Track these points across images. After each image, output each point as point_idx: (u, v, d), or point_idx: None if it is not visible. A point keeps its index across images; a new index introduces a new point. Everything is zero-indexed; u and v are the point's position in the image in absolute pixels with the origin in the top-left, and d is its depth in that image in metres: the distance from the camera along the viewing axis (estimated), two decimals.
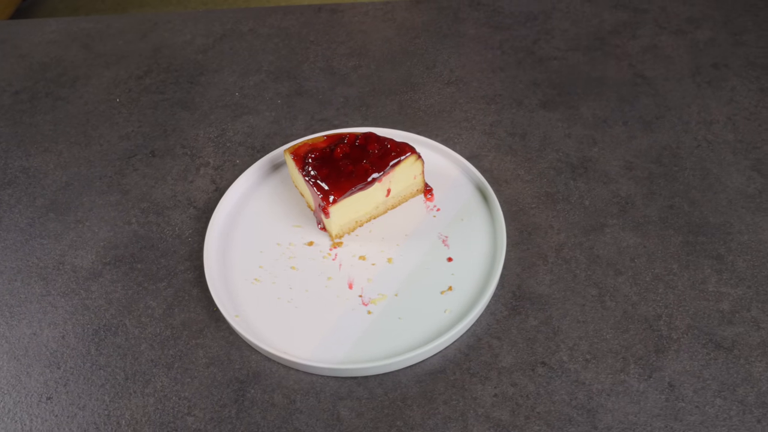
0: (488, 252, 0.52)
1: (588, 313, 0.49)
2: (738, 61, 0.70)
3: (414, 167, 0.54)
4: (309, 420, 0.45)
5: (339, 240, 0.54)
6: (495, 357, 0.47)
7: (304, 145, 0.55)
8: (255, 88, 0.70)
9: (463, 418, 0.44)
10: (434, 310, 0.49)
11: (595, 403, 0.45)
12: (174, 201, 0.60)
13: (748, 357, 0.47)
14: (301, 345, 0.48)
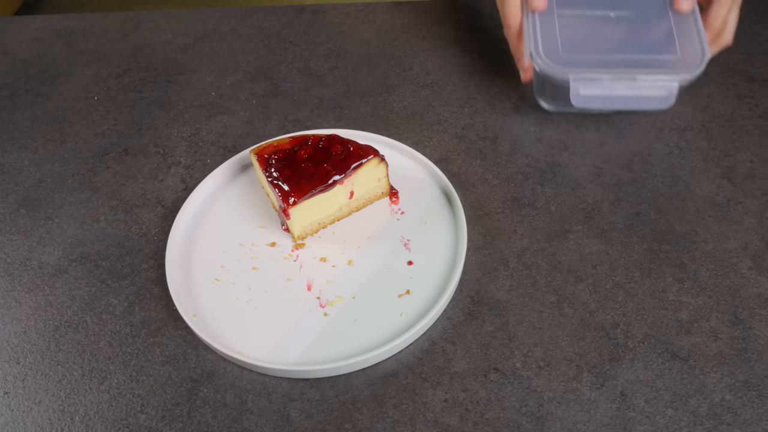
0: (449, 256, 0.52)
1: (545, 319, 0.49)
2: (717, 67, 0.69)
3: (377, 170, 0.54)
4: (258, 420, 0.45)
5: (301, 241, 0.54)
6: (448, 362, 0.47)
7: (268, 146, 0.55)
8: (231, 88, 0.71)
9: (412, 423, 0.44)
10: (390, 313, 0.49)
11: (545, 411, 0.44)
12: (143, 199, 0.60)
13: (703, 368, 0.46)
14: (256, 346, 0.48)
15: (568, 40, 0.58)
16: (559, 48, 0.57)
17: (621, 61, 0.56)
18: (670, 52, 0.57)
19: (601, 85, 0.55)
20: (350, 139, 0.54)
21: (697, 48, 0.56)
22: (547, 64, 0.55)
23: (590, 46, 0.58)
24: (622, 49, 0.58)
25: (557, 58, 0.56)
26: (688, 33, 0.57)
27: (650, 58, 0.56)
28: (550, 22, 0.59)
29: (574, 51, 0.57)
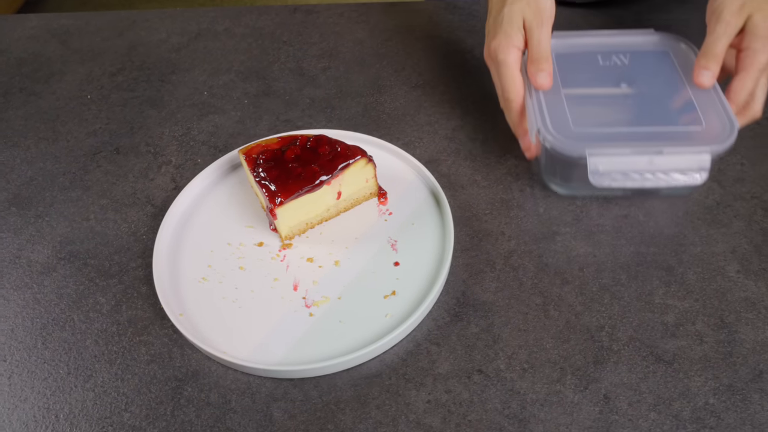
0: (435, 257, 0.52)
1: (530, 321, 0.49)
2: None
3: (365, 171, 0.54)
4: (242, 420, 0.45)
5: (289, 241, 0.54)
6: (432, 363, 0.47)
7: (257, 146, 0.55)
8: (223, 88, 0.71)
9: (394, 424, 0.44)
10: (376, 314, 0.49)
11: (527, 413, 0.44)
12: (133, 198, 0.60)
13: (687, 371, 0.46)
14: (241, 345, 0.48)
15: (578, 115, 0.52)
16: (569, 123, 0.52)
17: (642, 134, 0.51)
18: (695, 123, 0.51)
19: (622, 160, 0.49)
20: (338, 140, 0.54)
21: (724, 117, 0.51)
22: (560, 140, 0.50)
23: (604, 120, 0.53)
24: (640, 122, 0.53)
25: (569, 132, 0.51)
26: (711, 103, 0.52)
27: (674, 131, 0.51)
28: (556, 98, 0.54)
29: (586, 125, 0.52)
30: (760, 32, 0.51)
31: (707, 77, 0.53)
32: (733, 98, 0.52)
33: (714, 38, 0.53)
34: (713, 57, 0.52)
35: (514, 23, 0.55)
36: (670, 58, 0.58)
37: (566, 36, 0.60)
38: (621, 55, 0.58)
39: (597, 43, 0.60)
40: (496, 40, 0.55)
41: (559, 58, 0.58)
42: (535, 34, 0.54)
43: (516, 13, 0.55)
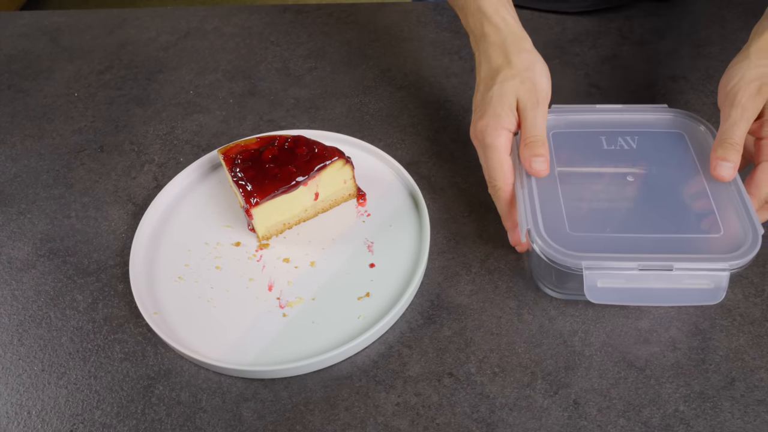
0: (411, 260, 0.52)
1: (503, 325, 0.49)
2: (697, 73, 0.69)
3: (343, 172, 0.54)
4: (211, 419, 0.45)
5: (266, 241, 0.55)
6: (403, 365, 0.47)
7: (236, 146, 0.55)
8: (209, 87, 0.71)
9: (362, 426, 0.44)
10: (349, 315, 0.49)
11: (496, 417, 0.44)
12: (115, 197, 0.60)
13: (659, 378, 0.46)
14: (214, 345, 0.48)
15: (576, 213, 0.47)
16: (565, 224, 0.46)
17: (649, 242, 0.44)
18: (711, 228, 0.45)
19: (625, 276, 0.43)
20: (316, 141, 0.54)
21: (746, 221, 0.44)
22: (552, 248, 0.44)
23: (606, 221, 0.47)
24: (648, 225, 0.46)
25: (564, 238, 0.45)
26: (731, 201, 0.46)
27: (686, 239, 0.45)
28: (551, 189, 0.48)
29: (585, 228, 0.46)
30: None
31: (727, 170, 0.47)
32: (755, 193, 0.47)
33: (730, 124, 0.47)
34: (732, 147, 0.47)
35: (506, 102, 0.49)
36: (684, 143, 0.52)
37: (566, 111, 0.55)
38: (628, 137, 0.52)
39: (601, 120, 0.54)
40: (484, 120, 0.49)
41: (556, 139, 0.53)
42: (530, 115, 0.49)
43: (508, 91, 0.50)
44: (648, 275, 0.43)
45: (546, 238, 0.45)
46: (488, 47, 0.53)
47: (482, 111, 0.50)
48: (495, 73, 0.51)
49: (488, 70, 0.52)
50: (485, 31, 0.54)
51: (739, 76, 0.49)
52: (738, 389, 0.45)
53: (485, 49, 0.53)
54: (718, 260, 0.43)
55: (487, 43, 0.53)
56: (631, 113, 0.55)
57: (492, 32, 0.53)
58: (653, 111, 0.55)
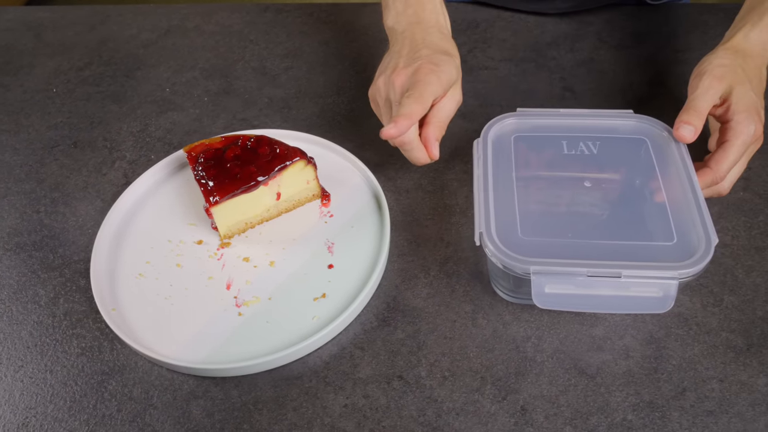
0: (370, 261, 0.52)
1: (457, 329, 0.49)
2: (674, 79, 0.68)
3: (305, 172, 0.55)
4: (161, 416, 0.46)
5: (228, 240, 0.55)
6: (354, 367, 0.47)
7: (200, 144, 0.55)
8: (185, 85, 0.71)
9: (309, 426, 0.44)
10: (303, 316, 0.49)
11: (442, 422, 0.44)
12: (84, 193, 0.61)
13: (609, 386, 0.45)
14: (168, 342, 0.48)
15: (530, 218, 0.46)
16: (518, 228, 0.46)
17: (601, 249, 0.44)
18: (665, 236, 0.45)
19: (573, 281, 0.43)
20: (279, 141, 0.55)
21: (700, 230, 0.44)
22: (502, 252, 0.44)
23: (559, 227, 0.47)
24: (601, 232, 0.46)
25: (515, 243, 0.45)
26: (687, 210, 0.46)
27: (639, 246, 0.45)
28: (508, 194, 0.47)
29: (537, 233, 0.46)
30: (742, 106, 0.51)
31: (688, 132, 0.50)
32: (714, 167, 0.50)
33: (697, 95, 0.52)
34: (696, 112, 0.51)
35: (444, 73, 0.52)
36: (646, 149, 0.51)
37: (530, 116, 0.55)
38: (590, 142, 0.52)
39: (564, 125, 0.54)
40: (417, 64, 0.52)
41: (517, 143, 0.52)
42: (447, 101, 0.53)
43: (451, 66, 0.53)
44: (596, 282, 0.43)
45: (497, 242, 0.45)
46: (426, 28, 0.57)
47: (431, 60, 0.52)
48: (443, 49, 0.54)
49: (434, 41, 0.55)
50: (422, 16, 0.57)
51: (708, 62, 0.54)
52: (688, 399, 0.45)
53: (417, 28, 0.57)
54: (667, 268, 0.43)
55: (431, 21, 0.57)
56: (595, 118, 0.54)
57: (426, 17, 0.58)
58: (617, 116, 0.54)
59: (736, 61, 0.53)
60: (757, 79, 0.53)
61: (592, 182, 0.50)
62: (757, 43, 0.55)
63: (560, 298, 0.44)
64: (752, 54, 0.54)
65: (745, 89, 0.52)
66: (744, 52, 0.54)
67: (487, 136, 0.53)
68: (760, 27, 0.55)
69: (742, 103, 0.51)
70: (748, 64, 0.54)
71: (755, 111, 0.51)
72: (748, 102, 0.51)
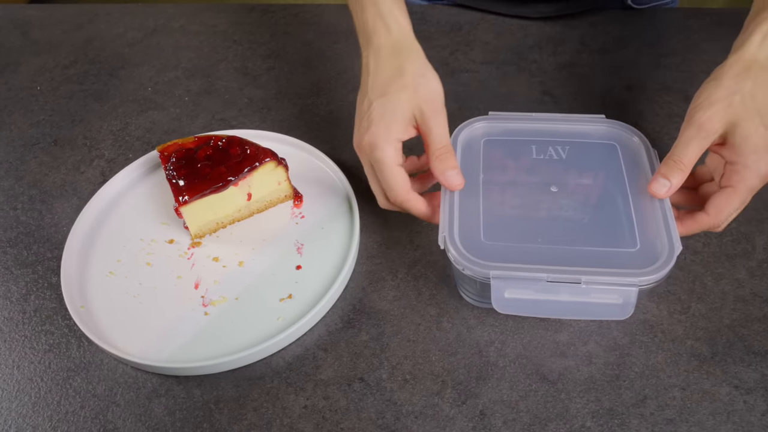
0: (338, 263, 0.52)
1: (421, 332, 0.49)
2: (654, 84, 0.68)
3: (275, 173, 0.55)
4: (123, 413, 0.46)
5: (198, 240, 0.55)
6: (316, 369, 0.47)
7: (173, 144, 0.56)
8: (167, 85, 0.72)
9: (268, 427, 0.45)
10: (269, 316, 0.50)
11: (400, 425, 0.44)
12: (62, 190, 0.62)
13: (570, 392, 0.45)
14: (134, 341, 0.49)
15: (494, 222, 0.46)
16: (480, 232, 0.46)
17: (563, 254, 0.44)
18: (628, 243, 0.44)
19: (533, 287, 0.43)
20: (250, 142, 0.55)
21: (664, 238, 0.44)
22: (463, 256, 0.44)
23: (523, 231, 0.46)
24: (564, 237, 0.46)
25: (477, 247, 0.44)
26: (652, 216, 0.46)
27: (601, 252, 0.44)
28: (473, 197, 0.47)
29: (500, 237, 0.45)
30: (749, 147, 0.44)
31: (663, 188, 0.45)
32: (713, 215, 0.45)
33: (682, 143, 0.45)
34: (676, 165, 0.45)
35: (399, 114, 0.48)
36: (616, 155, 0.51)
37: (501, 119, 0.54)
38: (559, 146, 0.52)
39: (535, 129, 0.53)
40: (371, 132, 0.48)
41: (486, 146, 0.52)
42: (433, 125, 0.48)
43: (402, 103, 0.48)
44: (556, 287, 0.43)
45: (458, 246, 0.45)
46: (379, 50, 0.51)
47: (370, 122, 0.49)
48: (387, 82, 0.49)
49: (379, 78, 0.50)
50: (377, 29, 0.51)
51: (706, 95, 0.46)
52: (648, 407, 0.44)
53: (375, 52, 0.51)
54: (627, 275, 0.42)
55: (378, 45, 0.51)
56: (566, 123, 0.54)
57: (383, 33, 0.51)
58: (589, 121, 0.54)
59: (744, 85, 0.45)
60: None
61: (559, 187, 0.49)
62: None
63: (520, 303, 0.44)
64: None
65: (753, 125, 0.44)
66: (758, 64, 0.46)
67: (456, 139, 0.53)
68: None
69: (750, 142, 0.44)
70: (761, 81, 0.45)
71: (766, 150, 0.44)
72: (756, 141, 0.44)
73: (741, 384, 0.45)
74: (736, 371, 0.46)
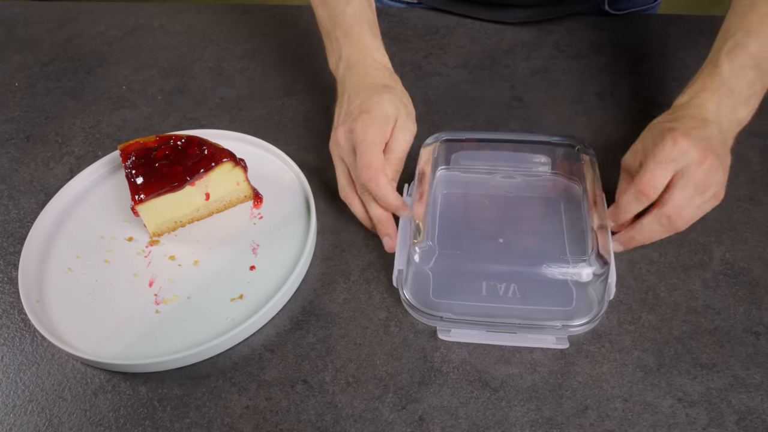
0: (291, 265, 0.53)
1: (368, 336, 0.49)
2: (625, 90, 0.67)
3: (233, 174, 0.55)
4: (69, 408, 0.46)
5: (157, 238, 0.56)
6: (261, 369, 0.48)
7: (135, 143, 0.56)
8: (142, 83, 0.72)
9: (209, 426, 0.45)
10: (218, 316, 0.50)
11: (339, 428, 0.44)
12: (30, 186, 0.62)
13: (511, 400, 0.45)
14: (85, 337, 0.49)
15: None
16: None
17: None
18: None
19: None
20: (209, 142, 0.55)
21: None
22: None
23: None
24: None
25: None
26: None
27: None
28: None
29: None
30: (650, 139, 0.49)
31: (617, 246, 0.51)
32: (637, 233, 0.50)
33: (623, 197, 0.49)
34: (621, 212, 0.49)
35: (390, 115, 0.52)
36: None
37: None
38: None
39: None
40: (364, 120, 0.50)
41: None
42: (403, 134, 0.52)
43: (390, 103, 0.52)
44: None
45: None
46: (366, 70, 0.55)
47: (361, 111, 0.51)
48: (380, 86, 0.53)
49: (368, 84, 0.54)
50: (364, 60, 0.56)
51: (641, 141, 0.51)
52: (589, 418, 0.44)
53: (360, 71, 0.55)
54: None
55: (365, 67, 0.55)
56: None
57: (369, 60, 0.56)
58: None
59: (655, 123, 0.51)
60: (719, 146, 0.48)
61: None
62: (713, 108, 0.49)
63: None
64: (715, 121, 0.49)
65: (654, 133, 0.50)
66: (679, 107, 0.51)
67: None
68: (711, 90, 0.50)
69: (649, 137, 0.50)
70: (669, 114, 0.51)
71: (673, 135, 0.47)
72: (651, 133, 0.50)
73: (685, 397, 0.45)
74: (681, 384, 0.46)
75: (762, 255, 0.53)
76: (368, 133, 0.50)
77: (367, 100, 0.52)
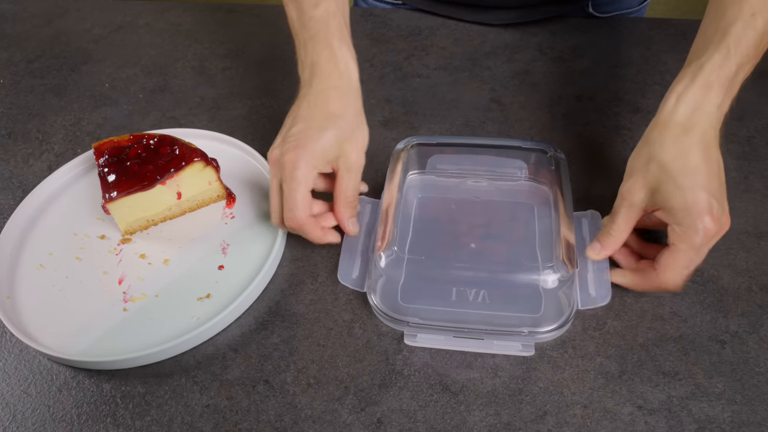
0: (259, 265, 0.53)
1: (332, 337, 0.49)
2: (606, 94, 0.67)
3: (205, 174, 0.55)
4: (33, 404, 0.47)
5: (129, 236, 0.56)
6: (224, 369, 0.48)
7: (109, 141, 0.57)
8: (124, 81, 0.73)
9: (169, 424, 0.45)
10: (185, 315, 0.50)
11: (298, 429, 0.45)
12: (8, 183, 0.63)
13: (470, 404, 0.45)
14: (52, 333, 0.50)
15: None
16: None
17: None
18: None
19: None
20: (182, 141, 0.55)
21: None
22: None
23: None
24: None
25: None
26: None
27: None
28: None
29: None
30: (677, 207, 0.44)
31: (594, 252, 0.48)
32: (660, 271, 0.46)
33: (612, 214, 0.48)
34: (607, 233, 0.48)
35: (329, 150, 0.50)
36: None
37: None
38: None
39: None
40: (298, 151, 0.49)
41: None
42: (351, 175, 0.51)
43: (335, 142, 0.50)
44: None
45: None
46: (327, 88, 0.52)
47: (297, 142, 0.50)
48: (325, 116, 0.51)
49: (317, 109, 0.51)
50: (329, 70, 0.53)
51: (629, 164, 0.48)
52: (547, 424, 0.44)
53: (322, 87, 0.52)
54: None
55: (327, 85, 0.52)
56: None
57: (335, 75, 0.52)
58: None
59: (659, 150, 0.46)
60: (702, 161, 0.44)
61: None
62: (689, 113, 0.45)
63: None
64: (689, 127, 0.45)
65: (673, 187, 0.44)
66: (674, 124, 0.46)
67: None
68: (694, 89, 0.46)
69: (674, 203, 0.44)
70: (676, 142, 0.45)
71: (697, 209, 0.44)
72: (681, 201, 0.44)
73: (645, 404, 0.45)
74: (642, 391, 0.45)
75: (732, 263, 0.52)
76: (296, 173, 0.49)
77: (307, 132, 0.50)
